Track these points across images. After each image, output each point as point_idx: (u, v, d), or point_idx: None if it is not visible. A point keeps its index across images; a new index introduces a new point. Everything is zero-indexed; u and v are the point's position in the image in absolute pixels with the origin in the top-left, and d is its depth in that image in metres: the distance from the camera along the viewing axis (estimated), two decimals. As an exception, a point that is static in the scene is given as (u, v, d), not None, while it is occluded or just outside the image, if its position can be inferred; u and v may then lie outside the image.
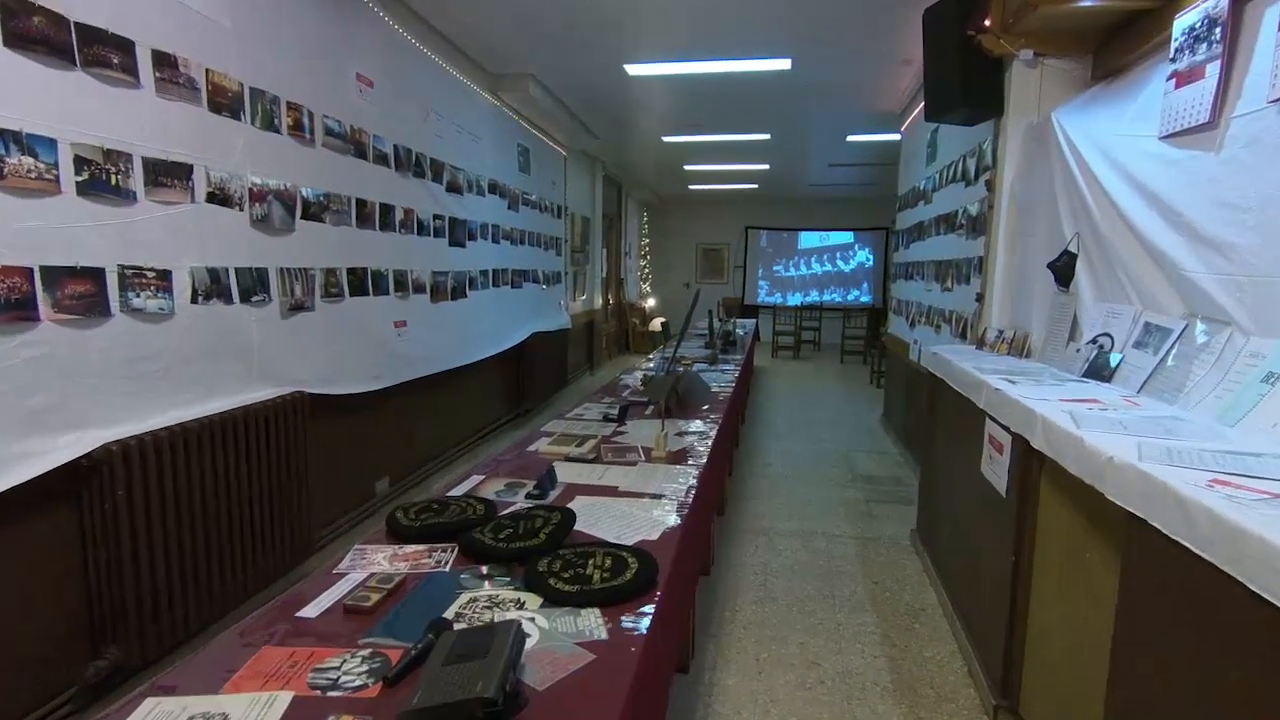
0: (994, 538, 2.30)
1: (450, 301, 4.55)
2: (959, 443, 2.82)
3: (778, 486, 4.46)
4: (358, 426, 3.59)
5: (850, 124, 6.91)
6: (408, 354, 3.93)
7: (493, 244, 5.30)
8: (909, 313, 5.34)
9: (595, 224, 9.07)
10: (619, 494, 2.07)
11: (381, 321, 3.66)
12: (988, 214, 3.37)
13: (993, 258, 3.31)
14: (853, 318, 11.44)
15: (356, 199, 3.39)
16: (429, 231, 4.21)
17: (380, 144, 3.60)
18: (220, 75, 2.45)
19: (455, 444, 4.92)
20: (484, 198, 5.10)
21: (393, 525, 1.74)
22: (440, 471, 4.57)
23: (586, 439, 2.68)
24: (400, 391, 3.94)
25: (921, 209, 5.05)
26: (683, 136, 7.52)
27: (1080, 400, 2.04)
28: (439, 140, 4.30)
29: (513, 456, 2.47)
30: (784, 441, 5.66)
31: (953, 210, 4.10)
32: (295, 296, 2.91)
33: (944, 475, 3.09)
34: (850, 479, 4.65)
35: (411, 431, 4.22)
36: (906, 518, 3.86)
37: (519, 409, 6.17)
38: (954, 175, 4.11)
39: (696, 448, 2.61)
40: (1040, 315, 2.93)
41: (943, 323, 4.21)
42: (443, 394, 4.64)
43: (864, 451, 5.38)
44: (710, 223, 13.68)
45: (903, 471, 4.83)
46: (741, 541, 3.56)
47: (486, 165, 5.13)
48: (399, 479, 4.06)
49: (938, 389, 3.17)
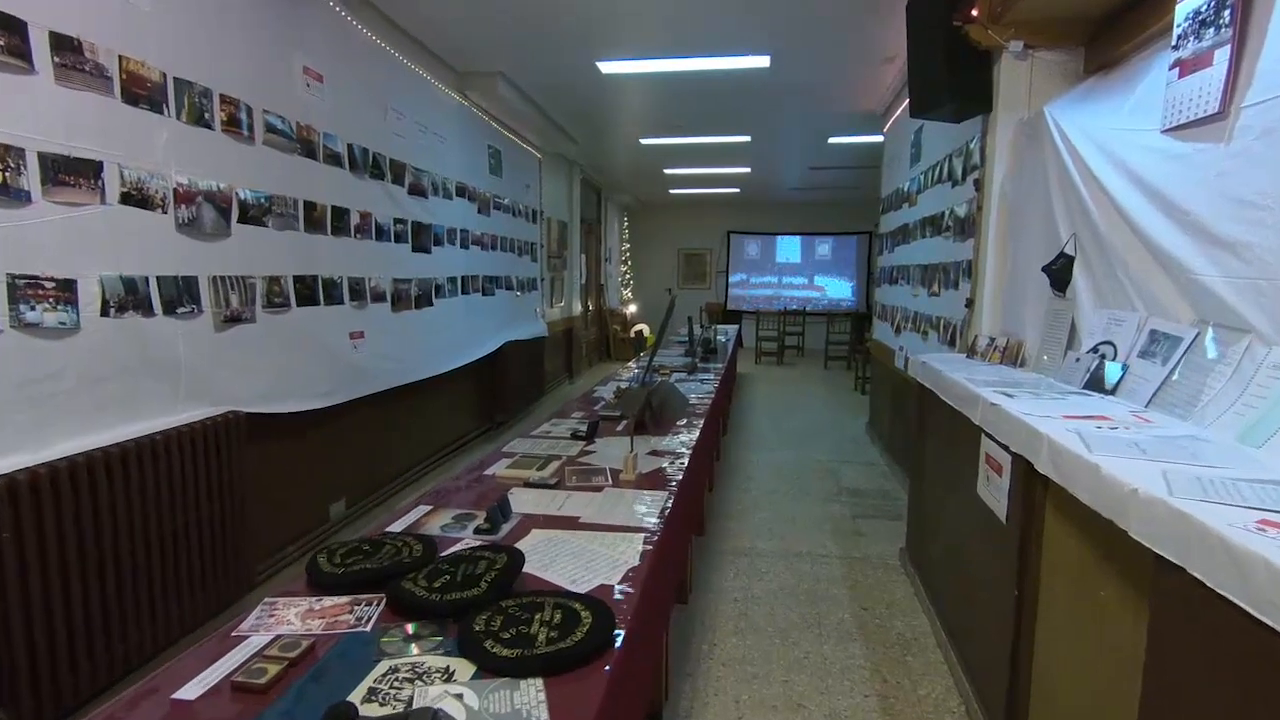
0: (993, 566, 2.11)
1: (414, 310, 4.31)
2: (952, 460, 2.63)
3: (760, 502, 4.26)
4: (310, 446, 3.34)
5: (831, 126, 6.77)
6: (366, 367, 3.69)
7: (461, 249, 5.07)
8: (894, 318, 5.18)
9: (573, 229, 8.86)
10: (580, 526, 1.85)
11: (335, 333, 3.42)
12: (976, 215, 3.21)
13: (982, 261, 3.15)
14: (836, 323, 11.31)
15: (305, 201, 3.15)
16: (389, 236, 3.97)
17: (332, 143, 3.37)
18: (137, 63, 2.21)
19: (422, 460, 4.67)
20: (451, 201, 4.87)
21: (313, 572, 1.51)
22: (405, 490, 4.32)
23: (549, 461, 2.46)
24: (359, 407, 3.70)
25: (906, 211, 4.89)
26: (661, 139, 7.34)
27: (1086, 417, 1.86)
28: (399, 140, 4.07)
29: (467, 483, 2.25)
30: (767, 452, 5.47)
31: (939, 212, 3.94)
32: (231, 307, 2.67)
33: (935, 493, 2.90)
34: (836, 492, 4.46)
35: (372, 449, 3.97)
36: (895, 535, 3.68)
37: (492, 422, 5.92)
38: (940, 175, 3.95)
39: (670, 469, 2.40)
40: (1034, 322, 2.76)
41: (930, 329, 4.04)
42: (407, 408, 4.39)
43: (850, 463, 5.20)
44: (692, 227, 13.52)
45: (890, 484, 4.65)
46: (722, 563, 3.35)
47: (453, 167, 4.90)
48: (357, 500, 3.81)
49: (927, 401, 2.99)
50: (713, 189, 11.19)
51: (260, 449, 2.95)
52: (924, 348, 4.15)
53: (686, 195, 11.99)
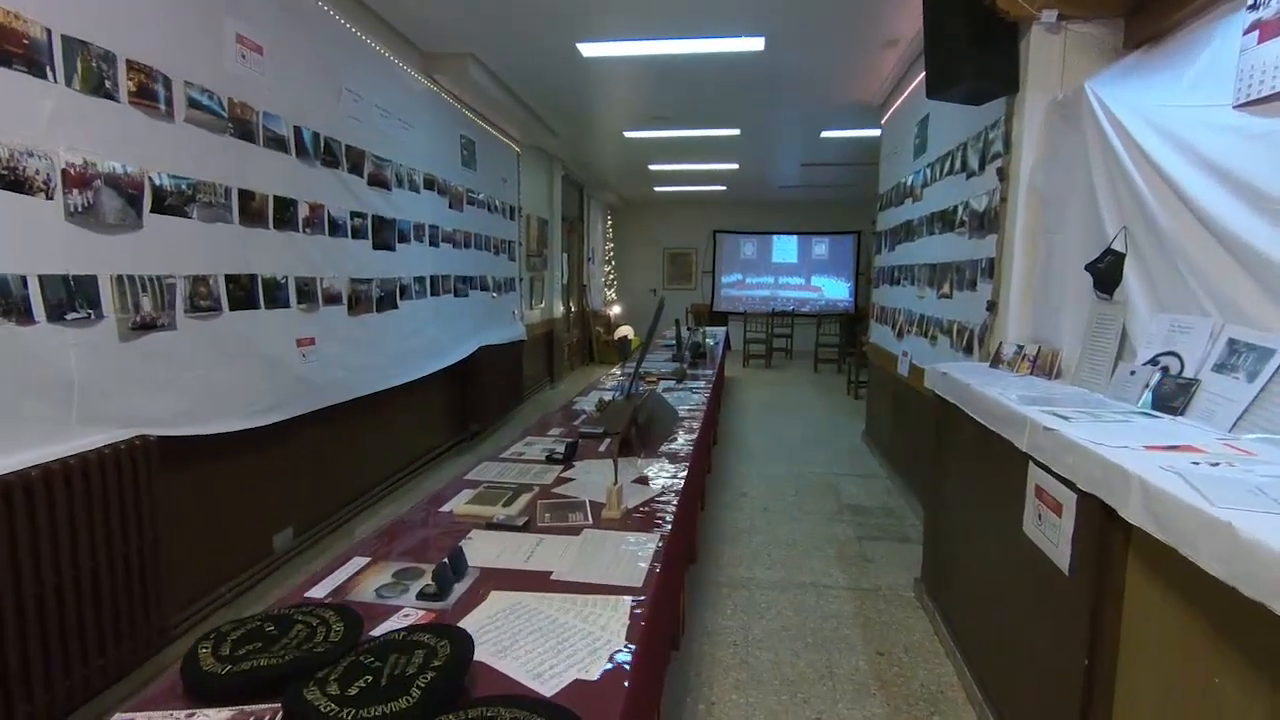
0: (1049, 623, 1.76)
1: (376, 314, 3.91)
2: (984, 487, 2.29)
3: (756, 522, 3.91)
4: (249, 470, 2.93)
5: (825, 118, 6.44)
6: (316, 378, 3.28)
7: (430, 247, 4.67)
8: (895, 321, 4.86)
9: (554, 227, 8.47)
10: (552, 586, 1.49)
11: (278, 340, 3.01)
12: (1000, 208, 2.87)
13: (1007, 259, 2.81)
14: (825, 325, 11.01)
15: (240, 190, 2.74)
16: (345, 231, 3.57)
17: (274, 124, 2.96)
18: (6, 13, 1.81)
19: (387, 478, 4.26)
20: (418, 194, 4.47)
21: (189, 670, 1.13)
22: (366, 512, 3.92)
23: (519, 493, 2.09)
24: (310, 422, 3.30)
25: (909, 207, 4.57)
26: (646, 132, 6.98)
27: (1171, 447, 1.52)
28: (357, 125, 3.67)
29: (417, 522, 1.87)
30: (760, 465, 5.12)
31: (950, 206, 3.61)
32: (143, 312, 2.26)
33: (960, 521, 2.56)
34: (837, 510, 4.12)
35: (327, 469, 3.56)
36: (905, 560, 3.34)
37: (467, 432, 5.52)
38: (951, 167, 3.62)
39: (661, 500, 2.04)
40: (1073, 328, 2.43)
41: (940, 334, 3.71)
42: (371, 421, 3.99)
43: (849, 475, 4.87)
44: (678, 226, 13.17)
45: (894, 500, 4.32)
46: (717, 598, 2.99)
47: (421, 157, 4.51)
48: (309, 528, 3.40)
49: (948, 416, 2.65)
50: (699, 186, 10.86)
51: (185, 476, 2.55)
52: (933, 354, 3.82)
53: (672, 193, 11.64)
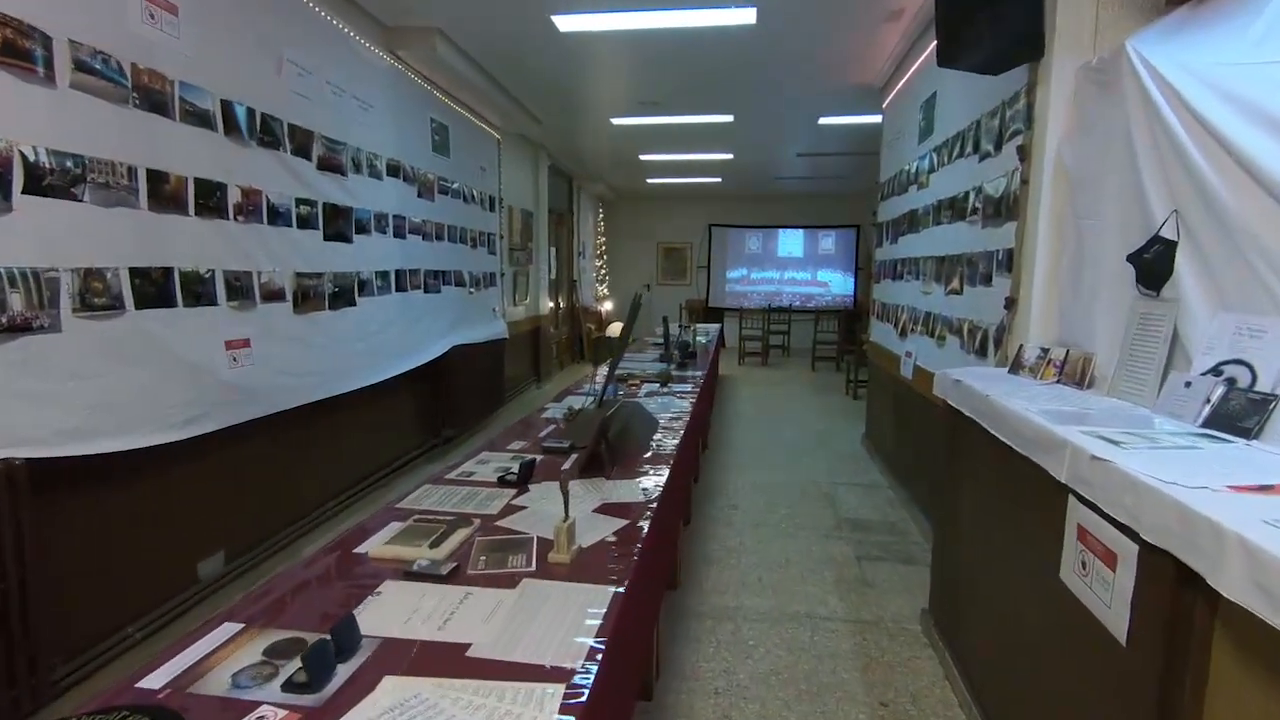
0: (1096, 697, 1.42)
1: (328, 311, 3.55)
2: (1007, 515, 1.95)
3: (746, 539, 3.57)
4: (167, 489, 2.59)
5: (823, 103, 6.08)
6: (252, 384, 2.93)
7: (395, 239, 4.31)
8: (897, 319, 4.51)
9: (540, 219, 8.11)
10: (465, 666, 1.15)
11: (202, 342, 2.66)
12: (1020, 192, 2.53)
13: (1029, 250, 2.47)
14: (824, 321, 10.67)
15: (150, 170, 2.39)
16: (289, 220, 3.22)
17: (195, 97, 2.61)
18: None
19: (344, 491, 3.92)
20: (380, 181, 4.11)
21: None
22: (318, 529, 3.57)
23: (455, 528, 1.75)
24: (246, 433, 2.95)
25: (913, 195, 4.22)
26: (635, 119, 6.61)
27: (1263, 488, 1.18)
28: (303, 102, 3.31)
29: (317, 572, 1.53)
30: (753, 472, 4.78)
31: (960, 192, 3.27)
32: (11, 311, 1.91)
33: (977, 550, 2.22)
34: (835, 525, 3.78)
35: (268, 484, 3.22)
36: (910, 585, 3.01)
37: (439, 437, 5.18)
38: (961, 149, 3.27)
39: (623, 537, 1.69)
40: (1110, 329, 2.08)
41: (949, 333, 3.37)
42: (323, 428, 3.64)
43: (848, 484, 4.53)
44: (672, 220, 12.81)
45: (896, 513, 3.98)
46: (699, 633, 2.65)
47: (384, 141, 4.15)
48: (245, 551, 3.05)
49: (962, 429, 2.31)
50: (693, 178, 10.49)
51: (82, 501, 2.20)
52: (941, 356, 3.48)
53: (665, 185, 11.27)
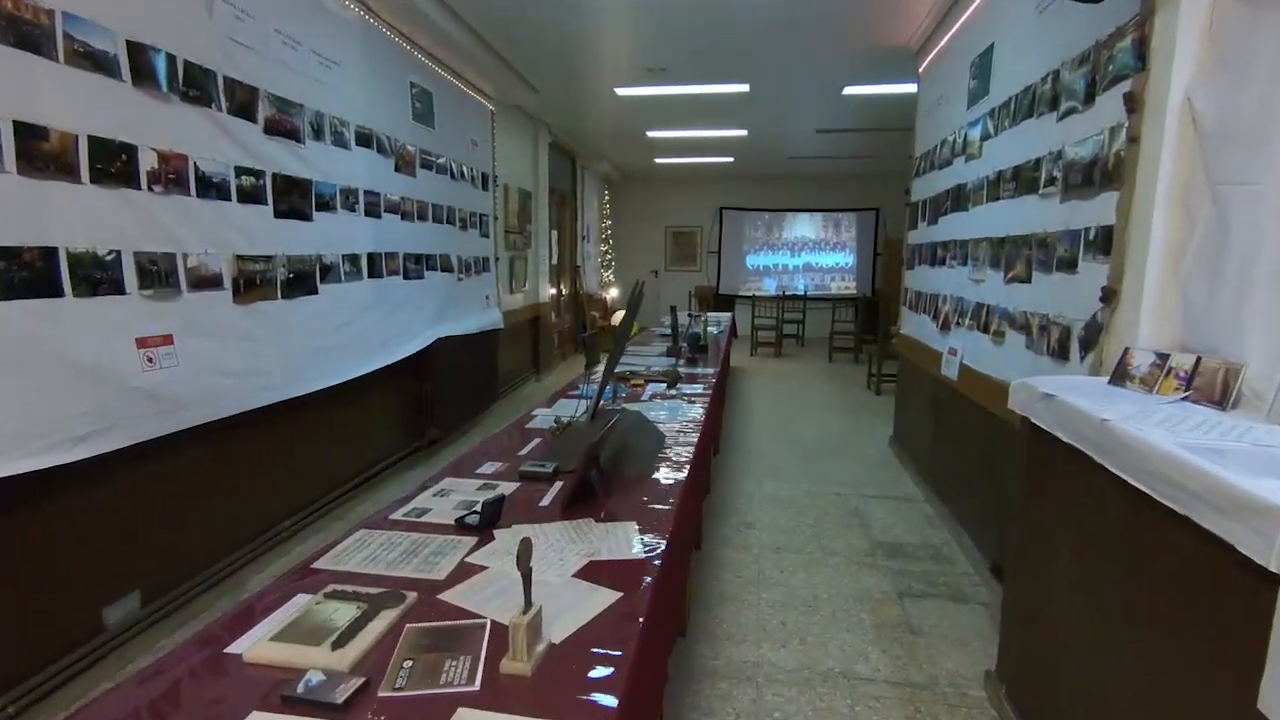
0: None
1: (281, 300, 3.06)
2: (1145, 591, 1.42)
3: (766, 567, 3.07)
4: (57, 523, 2.11)
5: (849, 69, 5.49)
6: (176, 389, 2.44)
7: (367, 218, 3.80)
8: (938, 310, 3.97)
9: (539, 200, 7.57)
10: None
11: (101, 340, 2.17)
12: (1127, 153, 1.98)
13: (1140, 227, 1.93)
14: (840, 309, 10.11)
15: (19, 123, 1.89)
16: (227, 193, 2.71)
17: (89, 35, 2.10)
18: None
19: (304, 507, 3.43)
20: (349, 151, 3.60)
21: None
22: (268, 555, 3.10)
23: (378, 609, 1.25)
24: (175, 447, 2.47)
25: (959, 168, 3.66)
26: (641, 89, 6.05)
27: None
28: (245, 53, 2.79)
29: (167, 682, 1.04)
30: (770, 480, 4.28)
31: (1028, 160, 2.71)
32: None
33: (1083, 631, 1.69)
34: (868, 550, 3.27)
35: (201, 507, 2.74)
36: (965, 633, 2.50)
37: (422, 440, 4.69)
38: (1031, 108, 2.72)
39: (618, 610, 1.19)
40: (1269, 330, 1.55)
41: (1011, 329, 2.83)
42: (279, 435, 3.17)
43: (879, 497, 4.01)
44: (681, 203, 12.23)
45: (938, 534, 3.47)
46: (712, 698, 2.16)
47: (353, 106, 3.63)
48: (168, 588, 2.57)
49: (1053, 459, 1.79)
50: (704, 157, 9.90)
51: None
52: (998, 356, 2.95)
53: (675, 165, 10.68)
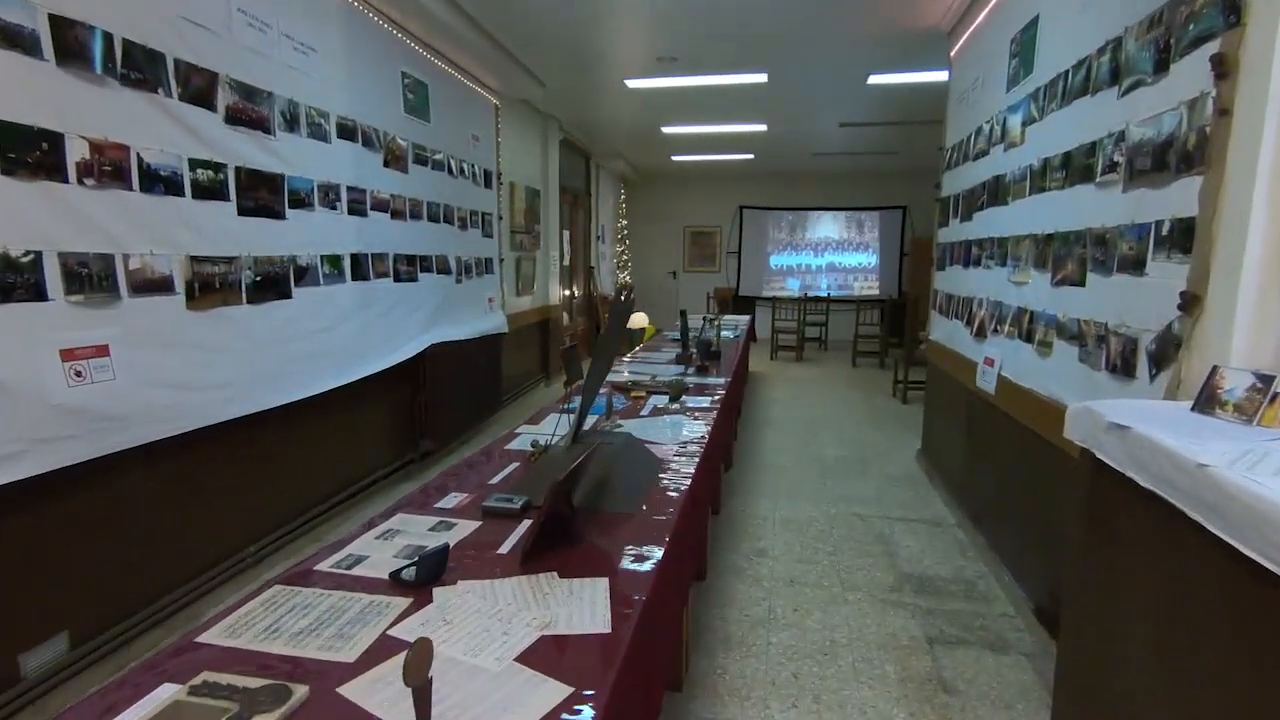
0: None
1: (247, 306, 2.80)
2: (1264, 685, 1.08)
3: (777, 604, 2.74)
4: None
5: (874, 57, 5.12)
6: (110, 406, 2.19)
7: (351, 216, 3.54)
8: (972, 314, 3.60)
9: (549, 199, 7.29)
10: None
11: (16, 352, 1.92)
12: (1214, 128, 1.63)
13: (1230, 218, 1.57)
14: (865, 312, 9.69)
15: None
16: (179, 188, 2.46)
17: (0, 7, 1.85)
18: None
19: (278, 528, 3.18)
20: (328, 145, 3.34)
21: None
22: (230, 584, 2.85)
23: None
24: (117, 468, 2.23)
25: (998, 157, 3.30)
26: (653, 80, 5.74)
27: None
28: (199, 34, 2.53)
29: None
30: (785, 500, 3.94)
31: (1082, 144, 2.35)
32: None
33: (1171, 708, 1.35)
34: (893, 583, 2.93)
35: (143, 537, 2.49)
36: (1008, 693, 2.15)
37: (416, 452, 4.43)
38: (1086, 83, 2.36)
39: None
40: None
41: (1060, 339, 2.47)
42: (248, 451, 2.92)
43: (905, 521, 3.65)
44: (699, 202, 11.89)
45: (973, 567, 3.10)
46: (709, 776, 1.84)
47: (333, 96, 3.37)
48: (102, 629, 2.31)
49: (1128, 506, 1.44)
50: (722, 154, 9.56)
51: None
52: (1044, 369, 2.58)
53: (692, 163, 10.35)
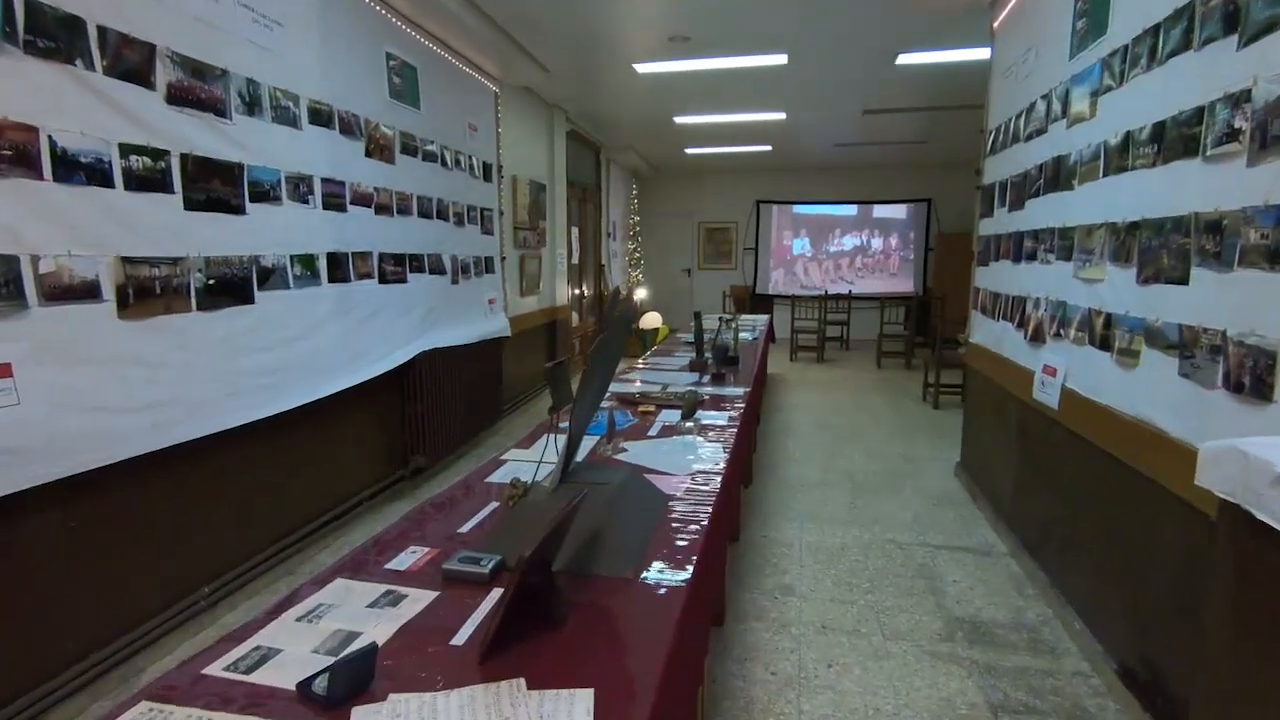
0: None
1: (196, 313, 2.45)
2: None
3: (808, 660, 2.34)
4: None
5: (903, 32, 4.68)
6: (9, 439, 1.84)
7: (327, 211, 3.19)
8: (1025, 315, 3.17)
9: (555, 193, 6.92)
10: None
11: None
12: None
13: None
14: (889, 309, 9.23)
15: None
16: (106, 177, 2.11)
17: None
18: None
19: (231, 569, 2.84)
20: (297, 131, 2.99)
21: None
22: (174, 635, 2.50)
23: None
24: (25, 506, 1.89)
25: (1057, 136, 2.87)
26: (663, 64, 5.34)
27: None
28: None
29: None
30: (812, 524, 3.53)
31: (1181, 111, 1.93)
32: None
33: None
34: (942, 630, 2.52)
35: (58, 584, 2.15)
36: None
37: (405, 469, 4.07)
38: (1181, 37, 1.93)
39: None
40: None
41: (1152, 347, 2.05)
42: (195, 480, 2.57)
43: (950, 548, 3.24)
44: (714, 196, 11.46)
45: (1034, 607, 2.68)
46: None
47: (303, 77, 3.02)
48: (9, 699, 1.98)
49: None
50: (739, 146, 9.13)
51: None
52: (1128, 383, 2.16)
53: (707, 156, 9.92)
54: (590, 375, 1.55)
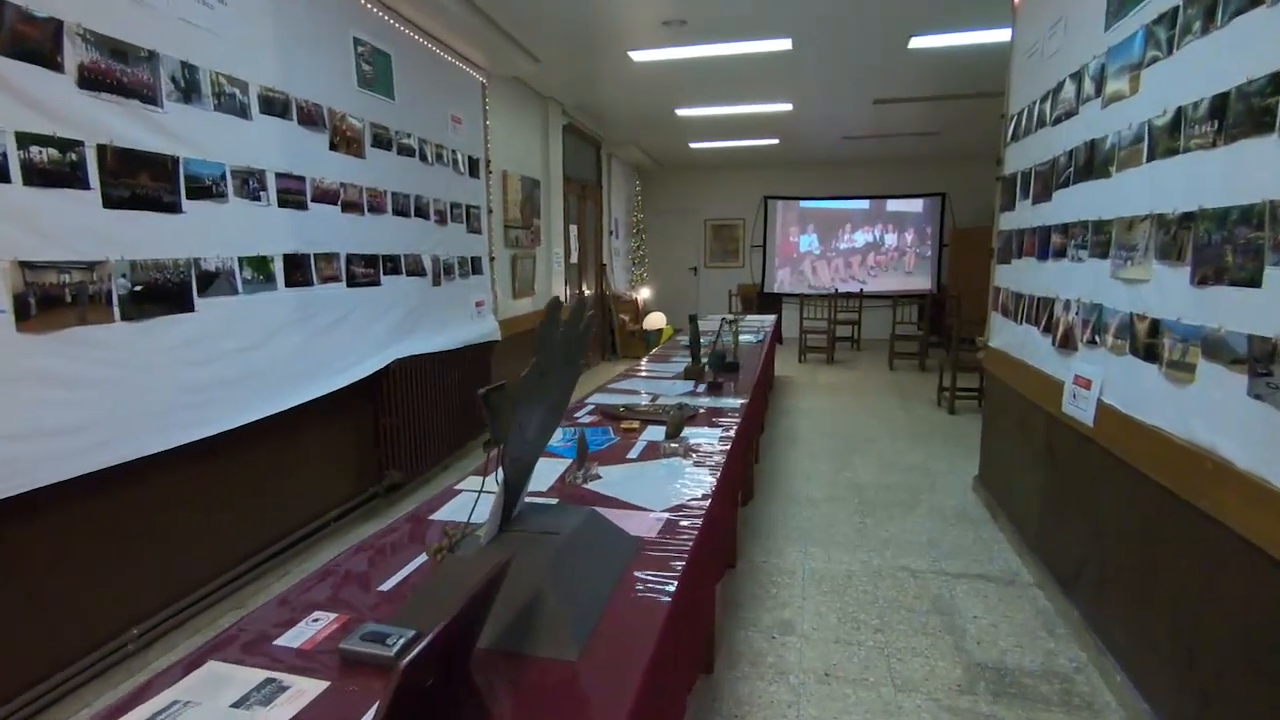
0: None
1: (120, 324, 2.19)
2: None
3: (808, 713, 2.05)
4: None
5: (917, 13, 4.36)
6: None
7: (283, 209, 2.93)
8: (1052, 318, 2.85)
9: (552, 190, 6.64)
10: None
11: None
12: None
13: None
14: (902, 308, 8.89)
15: None
16: (2, 172, 1.85)
17: None
18: None
19: (171, 604, 2.59)
20: (246, 120, 2.72)
21: None
22: (82, 691, 2.25)
23: None
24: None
25: (1091, 117, 2.54)
26: (661, 51, 5.04)
27: None
28: (30, -35, 1.92)
29: None
30: (816, 549, 3.23)
31: (1252, 79, 1.61)
32: None
33: None
34: (963, 679, 2.21)
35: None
36: None
37: (378, 485, 3.80)
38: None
39: None
40: None
41: (1212, 360, 1.73)
42: (128, 506, 2.32)
43: (969, 577, 2.93)
44: (720, 192, 11.14)
45: (1066, 650, 2.37)
46: None
47: (252, 60, 2.75)
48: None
49: None
50: (744, 140, 8.80)
51: None
52: (1185, 402, 1.84)
53: (712, 150, 9.60)
54: (530, 396, 1.26)
